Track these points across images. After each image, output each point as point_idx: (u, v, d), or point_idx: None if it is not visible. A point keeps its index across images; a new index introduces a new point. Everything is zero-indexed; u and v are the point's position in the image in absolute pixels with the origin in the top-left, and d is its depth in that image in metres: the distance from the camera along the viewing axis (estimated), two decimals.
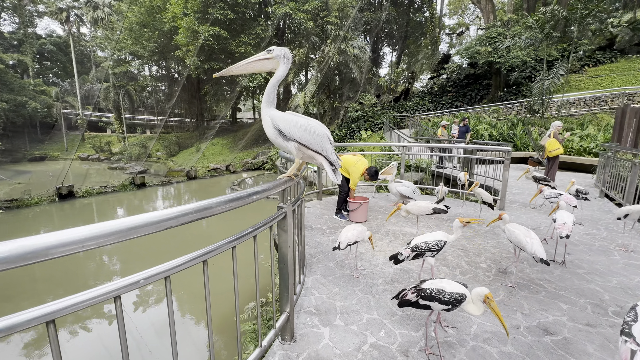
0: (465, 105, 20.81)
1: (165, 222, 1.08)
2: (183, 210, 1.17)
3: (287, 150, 1.99)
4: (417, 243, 2.54)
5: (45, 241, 0.78)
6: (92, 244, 0.85)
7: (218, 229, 9.39)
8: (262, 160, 21.03)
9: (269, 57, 1.97)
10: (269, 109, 1.99)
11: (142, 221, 1.00)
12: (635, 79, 17.72)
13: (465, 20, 43.26)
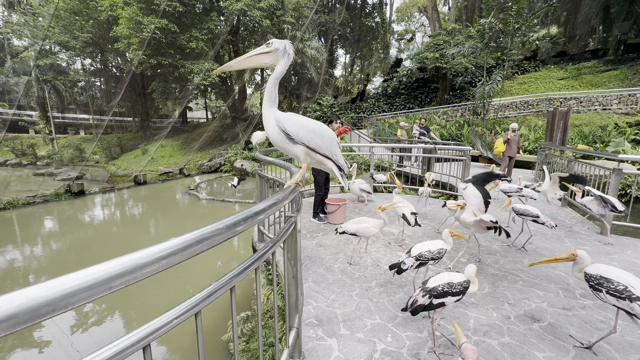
0: (416, 107, 22.14)
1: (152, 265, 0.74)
2: (173, 246, 0.83)
3: (294, 155, 1.85)
4: (420, 252, 2.45)
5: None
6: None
7: None
8: (218, 162, 20.00)
9: (267, 51, 1.81)
10: (271, 109, 1.83)
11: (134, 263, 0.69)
12: (554, 85, 20.51)
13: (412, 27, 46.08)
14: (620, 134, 11.81)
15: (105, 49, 26.56)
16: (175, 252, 0.83)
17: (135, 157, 25.05)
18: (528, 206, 3.71)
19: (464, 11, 27.99)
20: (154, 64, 19.52)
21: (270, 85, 1.83)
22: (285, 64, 1.83)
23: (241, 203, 11.61)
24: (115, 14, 20.28)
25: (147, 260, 0.72)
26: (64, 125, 33.86)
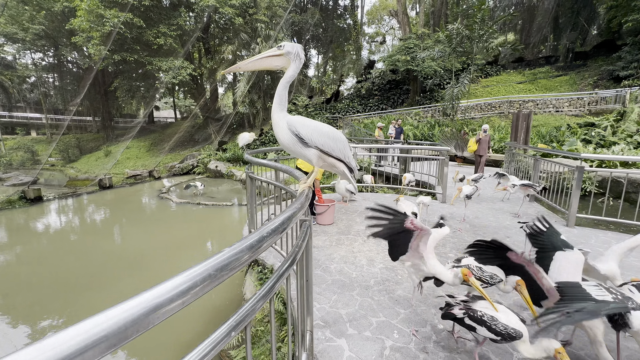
0: (389, 108, 22.78)
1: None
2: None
3: (306, 159, 1.85)
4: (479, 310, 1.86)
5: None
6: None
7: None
8: (191, 164, 19.26)
9: (279, 53, 1.81)
10: (282, 113, 1.82)
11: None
12: (513, 89, 22.06)
13: (382, 30, 47.31)
14: (573, 134, 12.97)
15: (60, 43, 24.54)
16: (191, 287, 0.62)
17: (97, 159, 23.40)
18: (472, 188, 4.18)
19: (431, 16, 29.25)
20: (118, 60, 18.37)
21: (281, 88, 1.82)
22: (296, 68, 1.83)
23: (219, 206, 11.28)
24: (72, 5, 18.82)
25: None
26: (12, 125, 30.83)
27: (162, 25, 18.72)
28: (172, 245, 7.82)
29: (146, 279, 6.02)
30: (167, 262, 6.85)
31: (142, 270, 6.45)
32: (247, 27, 21.35)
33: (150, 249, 7.62)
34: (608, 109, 15.75)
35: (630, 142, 11.46)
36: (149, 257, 7.09)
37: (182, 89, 27.39)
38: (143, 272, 6.36)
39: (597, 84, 19.22)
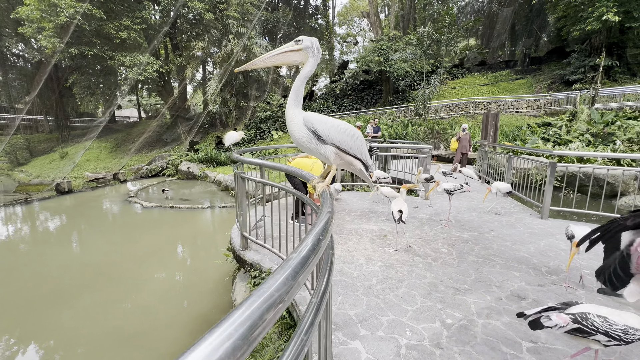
0: (363, 108, 23.15)
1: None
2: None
3: (322, 156, 1.77)
4: (587, 314, 1.59)
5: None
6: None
7: None
8: (160, 165, 18.24)
9: (297, 48, 1.72)
10: (297, 109, 1.74)
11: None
12: (478, 90, 23.37)
13: (353, 31, 48.05)
14: (533, 132, 13.99)
15: (4, 33, 22.15)
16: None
17: (50, 162, 21.42)
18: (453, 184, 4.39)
19: (401, 19, 30.20)
20: (75, 54, 16.93)
21: (298, 84, 1.74)
22: (314, 63, 1.76)
23: (194, 209, 10.78)
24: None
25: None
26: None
27: (124, 17, 17.53)
28: (143, 253, 7.33)
29: (116, 292, 5.57)
30: (139, 272, 6.40)
31: (111, 282, 5.96)
32: (218, 23, 20.65)
33: (119, 259, 7.07)
34: (562, 110, 17.18)
35: (582, 140, 12.59)
36: (118, 268, 6.57)
37: (148, 87, 25.90)
38: (112, 284, 5.88)
39: (551, 87, 20.91)
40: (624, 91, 16.78)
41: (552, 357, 2.02)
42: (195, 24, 20.14)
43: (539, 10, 23.89)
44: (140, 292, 5.57)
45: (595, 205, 5.19)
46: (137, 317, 4.86)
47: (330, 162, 1.80)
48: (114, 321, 4.75)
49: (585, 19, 17.58)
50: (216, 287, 5.75)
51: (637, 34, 18.05)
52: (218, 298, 5.28)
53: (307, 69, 1.76)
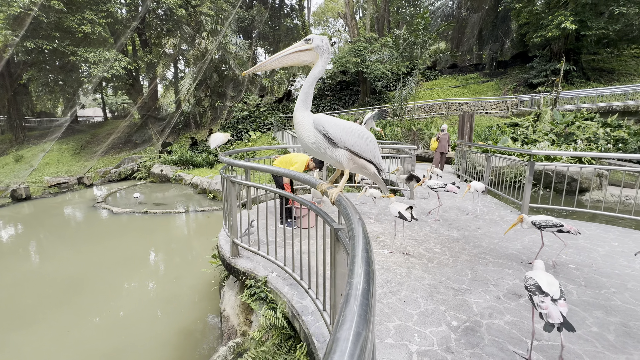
0: (341, 108, 23.30)
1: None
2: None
3: (334, 160, 1.68)
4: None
5: None
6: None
7: None
8: (130, 168, 17.23)
9: (307, 47, 1.62)
10: (306, 111, 1.65)
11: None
12: (450, 92, 24.30)
13: (328, 32, 48.28)
14: (503, 133, 14.73)
15: None
16: None
17: (3, 166, 19.58)
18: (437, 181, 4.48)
19: (376, 21, 30.73)
20: (31, 48, 15.56)
21: (308, 85, 1.64)
22: (325, 63, 1.67)
23: (170, 214, 10.26)
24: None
25: None
26: None
27: (87, 10, 16.37)
28: (117, 264, 6.84)
29: (87, 307, 5.12)
30: (113, 284, 5.95)
31: (81, 296, 5.49)
32: (191, 19, 19.88)
33: (90, 270, 6.54)
34: (527, 111, 18.25)
35: (547, 139, 13.44)
36: (88, 280, 6.07)
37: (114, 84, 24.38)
38: (82, 298, 5.41)
39: (516, 89, 22.17)
40: (581, 94, 18.15)
41: (555, 353, 2.07)
42: (165, 19, 19.23)
43: (504, 16, 25.26)
44: (115, 306, 5.16)
45: (564, 200, 5.51)
46: (113, 334, 4.49)
47: (342, 166, 1.71)
48: (86, 341, 4.35)
49: (545, 26, 18.80)
50: (200, 297, 5.46)
51: (590, 42, 19.59)
52: (203, 309, 5.02)
53: (317, 69, 1.67)
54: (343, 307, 0.62)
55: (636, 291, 2.87)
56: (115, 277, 6.24)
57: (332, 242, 1.77)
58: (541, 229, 3.22)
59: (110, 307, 5.15)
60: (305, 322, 2.44)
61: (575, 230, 3.09)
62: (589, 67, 21.38)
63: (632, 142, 11.97)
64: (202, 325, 4.69)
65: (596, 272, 3.23)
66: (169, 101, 27.29)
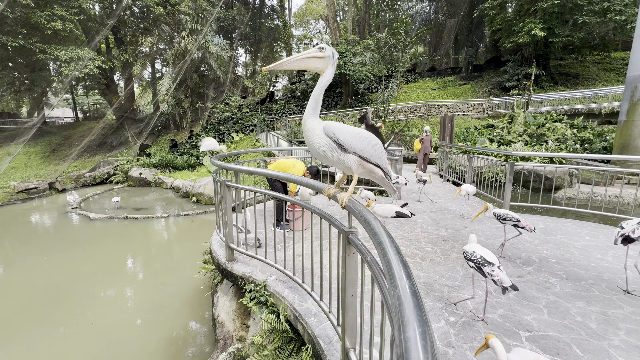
0: (324, 110, 23.42)
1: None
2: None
3: (344, 166, 1.73)
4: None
5: None
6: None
7: None
8: (106, 172, 16.49)
9: (320, 55, 1.68)
10: (316, 118, 1.70)
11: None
12: (429, 94, 25.05)
13: (309, 34, 48.40)
14: (480, 134, 15.37)
15: None
16: None
17: None
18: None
19: (357, 24, 31.15)
20: None
21: (317, 93, 1.69)
22: (332, 72, 1.73)
23: (152, 219, 9.94)
24: None
25: None
26: None
27: (57, 6, 15.54)
28: (99, 272, 6.56)
29: (68, 320, 4.88)
30: (96, 294, 5.71)
31: (62, 308, 5.22)
32: (169, 18, 19.33)
33: (70, 280, 6.24)
34: (502, 113, 19.13)
35: (521, 140, 14.16)
36: (69, 291, 5.78)
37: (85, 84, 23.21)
38: (63, 310, 5.14)
39: (491, 92, 23.19)
40: (550, 97, 19.27)
41: (547, 343, 2.21)
42: (142, 17, 18.59)
43: (479, 22, 26.37)
44: (100, 317, 4.95)
45: (541, 198, 5.85)
46: (99, 346, 4.31)
47: (352, 171, 1.77)
48: (70, 355, 4.16)
49: (517, 33, 19.82)
50: (189, 303, 5.34)
51: (557, 48, 20.84)
52: (192, 315, 4.91)
53: (326, 77, 1.72)
54: (399, 311, 0.66)
55: (611, 282, 3.11)
56: (96, 286, 5.97)
57: (342, 245, 1.82)
58: (500, 221, 3.55)
59: (94, 317, 4.94)
60: (309, 324, 2.47)
61: (530, 227, 3.36)
62: (556, 71, 22.72)
63: (596, 143, 12.85)
64: (193, 332, 4.60)
65: (575, 265, 3.47)
66: (147, 102, 26.36)
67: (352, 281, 1.83)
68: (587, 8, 17.70)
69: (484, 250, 2.39)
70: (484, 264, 2.30)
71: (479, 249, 2.40)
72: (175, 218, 10.17)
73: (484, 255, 2.33)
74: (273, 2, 33.25)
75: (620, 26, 18.06)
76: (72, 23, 15.86)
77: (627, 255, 3.02)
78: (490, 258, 2.31)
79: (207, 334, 4.52)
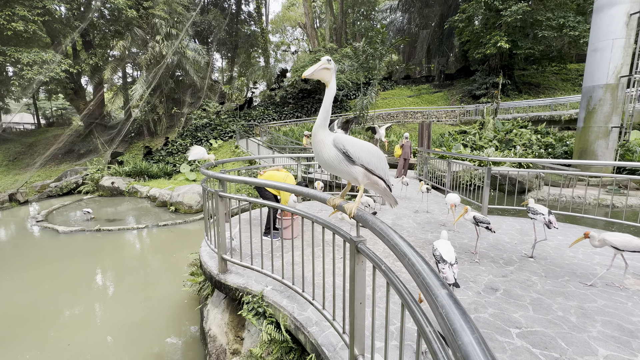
0: (304, 116, 23.54)
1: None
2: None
3: (350, 177, 1.79)
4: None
5: None
6: None
7: None
8: (74, 181, 15.53)
9: (328, 67, 1.75)
10: (326, 130, 1.75)
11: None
12: (405, 101, 25.91)
13: (287, 40, 48.62)
14: (454, 139, 16.11)
15: None
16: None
17: None
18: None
19: (334, 33, 31.76)
20: None
21: (327, 104, 1.75)
22: (335, 82, 1.80)
23: (127, 230, 9.48)
24: None
25: None
26: None
27: (19, 6, 14.60)
28: (71, 289, 6.15)
29: (40, 343, 4.53)
30: (70, 312, 5.36)
31: (36, 330, 4.85)
32: (142, 21, 18.72)
33: (41, 300, 5.79)
34: (473, 119, 20.16)
35: (491, 145, 14.99)
36: (41, 311, 5.37)
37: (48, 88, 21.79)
38: (33, 333, 4.77)
39: (462, 100, 24.39)
40: (516, 105, 20.59)
41: (536, 339, 2.38)
42: (113, 20, 17.86)
43: (449, 34, 27.77)
44: (77, 338, 4.65)
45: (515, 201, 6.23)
46: None
47: (358, 182, 1.83)
48: None
49: (484, 44, 21.08)
50: (174, 318, 5.14)
51: (520, 59, 22.37)
52: (178, 332, 4.73)
53: (332, 88, 1.78)
54: (448, 320, 0.73)
55: (584, 277, 3.38)
56: (71, 305, 5.60)
57: (351, 253, 1.87)
58: (476, 224, 3.85)
59: (70, 339, 4.62)
60: (311, 333, 2.49)
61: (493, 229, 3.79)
62: (520, 81, 24.34)
63: (558, 147, 13.86)
64: (179, 349, 4.43)
65: (551, 264, 3.74)
66: (119, 108, 25.20)
67: (360, 289, 1.88)
68: (546, 23, 19.19)
69: (446, 247, 2.58)
70: (439, 261, 2.51)
71: (442, 246, 2.60)
72: (153, 229, 9.76)
73: (443, 252, 2.53)
74: (250, 8, 33.19)
75: (574, 40, 19.74)
76: (35, 24, 14.93)
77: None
78: (447, 256, 2.51)
79: (195, 350, 4.37)
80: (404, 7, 32.66)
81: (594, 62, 10.93)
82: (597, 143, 11.05)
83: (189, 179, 15.33)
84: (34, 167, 17.26)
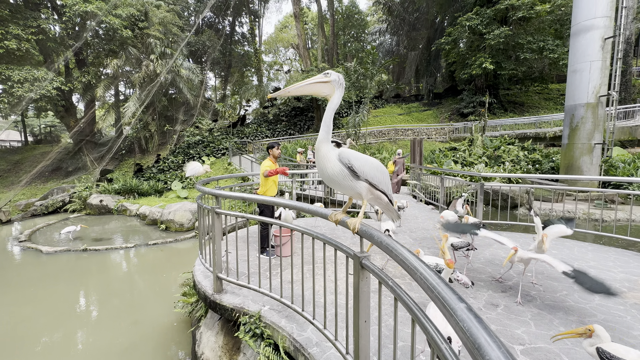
0: (297, 134, 23.77)
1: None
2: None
3: (354, 192, 1.79)
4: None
5: None
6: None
7: None
8: (60, 200, 15.11)
9: (326, 80, 1.76)
10: (329, 145, 1.76)
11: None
12: (396, 119, 26.50)
13: (279, 60, 49.78)
14: (445, 156, 16.43)
15: None
16: None
17: None
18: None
19: (325, 53, 32.73)
20: None
21: (328, 118, 1.76)
22: (340, 95, 1.81)
23: (115, 250, 9.18)
24: None
25: None
26: None
27: (14, 25, 14.67)
28: (56, 314, 5.84)
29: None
30: (54, 338, 5.06)
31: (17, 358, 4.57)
32: (137, 41, 18.98)
33: (23, 326, 5.48)
34: (462, 136, 20.68)
35: (481, 161, 15.32)
36: (23, 338, 5.07)
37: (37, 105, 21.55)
38: None
39: (451, 118, 25.10)
40: (502, 123, 21.27)
41: (540, 355, 2.34)
42: (109, 39, 18.05)
43: (436, 55, 28.94)
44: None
45: (507, 216, 6.32)
46: None
47: (362, 197, 1.83)
48: None
49: (470, 65, 21.99)
50: (164, 342, 4.90)
51: (505, 79, 23.37)
52: (167, 357, 4.50)
53: (334, 101, 1.79)
54: (470, 335, 0.72)
55: (581, 291, 3.39)
56: (52, 330, 5.30)
57: (355, 270, 1.84)
58: (455, 250, 3.83)
59: None
60: (312, 354, 2.40)
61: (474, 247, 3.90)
62: (505, 100, 25.29)
63: (545, 163, 14.26)
64: None
65: (548, 278, 3.75)
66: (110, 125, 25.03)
67: (365, 306, 1.84)
68: (527, 46, 20.21)
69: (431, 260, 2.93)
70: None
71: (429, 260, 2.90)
72: (142, 248, 9.47)
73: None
74: (243, 29, 34.13)
75: (554, 62, 20.78)
76: (28, 43, 14.97)
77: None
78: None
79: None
80: (392, 30, 34.09)
81: (574, 82, 11.48)
82: (582, 159, 11.42)
83: (180, 197, 15.09)
84: (19, 185, 16.77)
